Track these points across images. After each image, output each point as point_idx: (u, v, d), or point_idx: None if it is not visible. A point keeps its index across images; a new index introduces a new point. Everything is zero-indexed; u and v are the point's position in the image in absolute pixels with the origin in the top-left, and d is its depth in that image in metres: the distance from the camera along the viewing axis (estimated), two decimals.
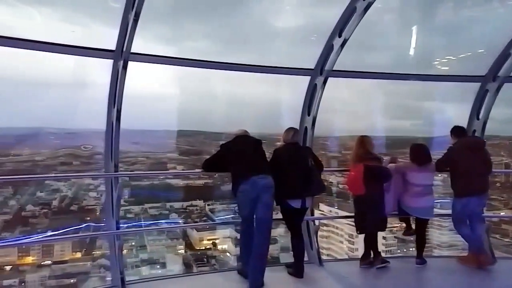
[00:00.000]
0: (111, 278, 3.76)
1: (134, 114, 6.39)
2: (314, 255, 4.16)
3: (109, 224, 3.77)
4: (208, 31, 6.45)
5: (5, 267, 7.61)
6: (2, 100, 7.36)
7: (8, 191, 8.00)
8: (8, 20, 5.91)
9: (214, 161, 3.80)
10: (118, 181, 3.78)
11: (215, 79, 7.25)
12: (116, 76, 3.71)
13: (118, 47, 3.66)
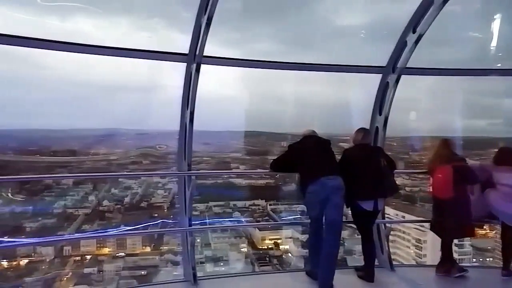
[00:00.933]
0: (183, 273, 3.89)
1: (199, 116, 6.61)
2: (385, 259, 4.01)
3: (181, 221, 3.92)
4: (272, 33, 6.50)
5: (85, 256, 8.25)
6: (84, 103, 8.01)
7: (88, 187, 8.68)
8: (88, 30, 6.40)
9: (283, 161, 3.81)
10: (191, 180, 3.92)
11: (280, 80, 7.29)
12: (189, 79, 3.86)
13: (191, 50, 3.80)
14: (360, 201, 3.63)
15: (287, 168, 3.85)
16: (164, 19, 5.48)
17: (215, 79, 6.71)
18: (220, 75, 6.25)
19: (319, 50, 5.72)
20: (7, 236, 7.21)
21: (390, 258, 4.03)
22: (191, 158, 3.95)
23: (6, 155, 7.70)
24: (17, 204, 7.75)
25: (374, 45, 5.36)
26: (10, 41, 3.63)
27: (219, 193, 9.28)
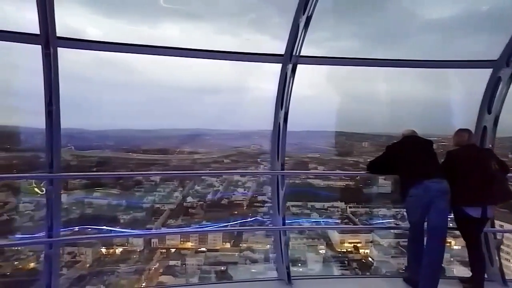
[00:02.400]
0: (277, 272, 3.94)
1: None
2: (495, 272, 3.70)
3: (275, 220, 3.97)
4: (355, 30, 6.32)
5: (170, 249, 8.72)
6: (170, 104, 8.49)
7: (174, 184, 9.18)
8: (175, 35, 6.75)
9: (380, 163, 3.68)
10: (285, 179, 3.95)
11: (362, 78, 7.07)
12: (285, 79, 3.89)
13: (287, 51, 3.83)
14: (466, 207, 3.39)
15: (386, 170, 3.72)
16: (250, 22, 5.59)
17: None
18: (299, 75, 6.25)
19: (408, 45, 5.45)
20: (105, 226, 7.94)
21: (502, 271, 3.70)
22: (284, 157, 3.97)
23: (104, 152, 8.46)
24: (113, 197, 8.42)
25: (470, 38, 4.99)
26: (109, 47, 3.97)
27: (296, 193, 9.26)
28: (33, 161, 6.23)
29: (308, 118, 8.45)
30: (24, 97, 5.75)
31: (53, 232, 3.47)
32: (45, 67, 3.43)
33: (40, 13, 3.26)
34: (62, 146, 3.68)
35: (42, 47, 3.40)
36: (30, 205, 7.64)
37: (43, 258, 7.58)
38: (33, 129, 5.77)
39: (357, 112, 8.49)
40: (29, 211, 7.61)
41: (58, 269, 3.69)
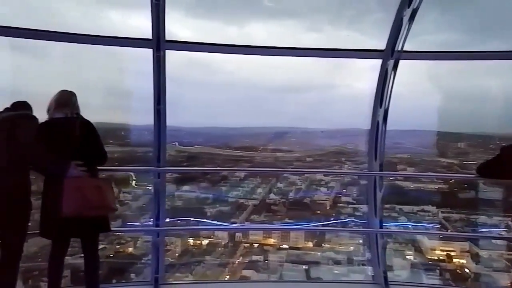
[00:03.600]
0: (373, 275, 3.83)
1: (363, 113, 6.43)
2: None
3: (371, 222, 3.86)
4: (449, 22, 5.87)
5: (253, 244, 8.93)
6: (257, 103, 8.68)
7: (257, 181, 9.39)
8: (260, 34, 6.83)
9: (495, 165, 3.38)
10: (383, 181, 3.82)
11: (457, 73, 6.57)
12: (385, 76, 3.75)
13: (388, 46, 3.69)
14: None
15: (502, 174, 3.40)
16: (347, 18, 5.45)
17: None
18: None
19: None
20: (193, 218, 8.38)
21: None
22: (384, 158, 3.84)
23: (193, 148, 8.94)
24: (201, 191, 8.85)
25: None
26: (207, 48, 4.15)
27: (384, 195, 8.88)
28: (142, 156, 6.84)
29: (398, 116, 8.08)
30: (132, 98, 6.32)
31: (159, 222, 3.76)
32: (155, 69, 3.71)
33: (153, 19, 3.54)
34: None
35: (154, 51, 3.69)
36: (128, 196, 8.34)
37: (139, 244, 8.22)
38: (140, 127, 6.35)
39: (457, 110, 7.90)
40: (128, 200, 8.31)
41: (163, 256, 3.98)
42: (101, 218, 3.36)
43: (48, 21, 4.52)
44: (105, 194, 3.27)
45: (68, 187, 3.10)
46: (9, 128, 3.13)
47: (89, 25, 4.99)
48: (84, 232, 3.34)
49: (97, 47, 4.55)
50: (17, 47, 5.06)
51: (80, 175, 3.17)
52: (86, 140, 3.28)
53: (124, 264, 7.60)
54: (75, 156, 3.21)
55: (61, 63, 5.60)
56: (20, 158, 3.15)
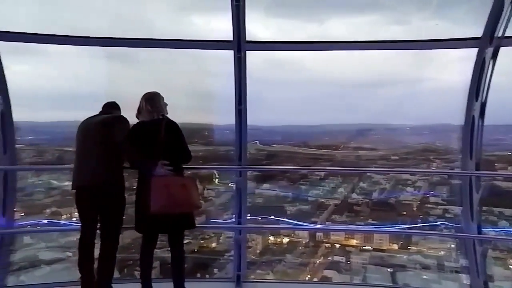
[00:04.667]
0: (469, 284, 3.49)
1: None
2: None
3: (467, 226, 3.52)
4: None
5: (335, 244, 8.73)
6: (336, 100, 8.46)
7: (338, 180, 9.16)
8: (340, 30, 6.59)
9: None
10: (480, 182, 3.46)
11: None
12: (481, 65, 3.39)
13: (486, 33, 3.32)
14: None
15: None
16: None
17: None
18: None
19: None
20: (273, 216, 8.44)
21: None
22: (480, 156, 3.47)
23: (271, 146, 9.01)
24: (281, 189, 8.88)
25: None
26: (287, 47, 4.10)
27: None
28: (224, 154, 7.10)
29: (498, 110, 7.28)
30: (214, 98, 6.57)
31: (241, 219, 3.83)
32: (236, 70, 3.79)
33: (234, 21, 3.61)
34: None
35: (235, 52, 3.76)
36: (212, 192, 8.68)
37: (222, 240, 8.51)
38: (222, 126, 6.57)
39: None
40: (211, 197, 8.65)
41: (245, 254, 4.05)
42: (187, 215, 3.52)
43: (138, 30, 4.87)
44: (190, 192, 3.41)
45: (155, 185, 3.29)
46: (105, 129, 3.44)
47: (175, 30, 5.28)
48: (171, 228, 3.52)
49: (181, 51, 4.79)
50: (111, 55, 5.53)
51: (166, 174, 3.35)
52: (171, 141, 3.45)
53: (208, 259, 7.92)
54: (161, 156, 3.39)
55: (149, 67, 6.01)
56: (116, 157, 3.43)
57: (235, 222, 3.88)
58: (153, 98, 3.58)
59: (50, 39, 4.30)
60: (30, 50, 5.20)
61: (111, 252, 3.50)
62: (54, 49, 5.12)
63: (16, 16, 4.72)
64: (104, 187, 3.38)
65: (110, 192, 3.41)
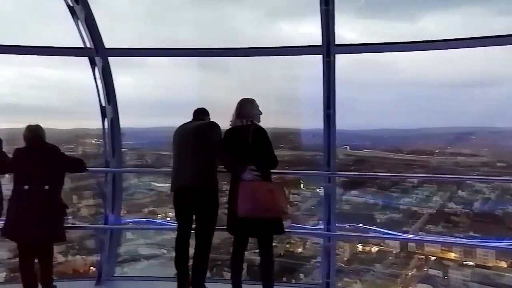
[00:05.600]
0: None
1: None
2: None
3: None
4: None
5: (429, 257, 8.11)
6: (433, 102, 7.89)
7: (433, 187, 8.50)
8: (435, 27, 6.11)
9: None
10: None
11: None
12: None
13: None
14: None
15: None
16: None
17: None
18: None
19: None
20: (361, 224, 8.13)
21: None
22: None
23: (361, 151, 8.69)
24: (370, 196, 8.53)
25: None
26: (370, 49, 3.90)
27: None
28: (309, 159, 7.08)
29: None
30: (300, 103, 6.58)
31: (330, 226, 3.75)
32: (324, 74, 3.73)
33: (323, 26, 3.56)
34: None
35: (323, 56, 3.71)
36: (297, 197, 8.65)
37: (308, 245, 8.42)
38: (308, 131, 6.56)
39: None
40: (296, 202, 8.62)
41: (335, 261, 3.95)
42: (275, 220, 3.54)
43: (229, 39, 5.08)
44: (277, 197, 3.43)
45: (242, 190, 3.38)
46: (200, 135, 3.63)
47: (263, 37, 5.41)
48: (260, 232, 3.57)
49: (269, 57, 4.87)
50: (202, 65, 5.85)
51: (253, 179, 3.41)
52: (258, 146, 3.51)
53: (293, 264, 7.90)
54: (248, 161, 3.46)
55: (239, 75, 6.22)
56: (210, 161, 3.60)
57: (324, 228, 3.81)
58: (243, 104, 3.68)
59: (150, 52, 4.68)
60: (132, 62, 5.71)
61: (204, 252, 3.67)
62: (152, 61, 5.57)
63: (120, 33, 5.24)
64: (199, 190, 3.56)
65: (204, 194, 3.58)
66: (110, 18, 5.05)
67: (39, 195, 3.50)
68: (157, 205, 8.21)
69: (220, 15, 5.55)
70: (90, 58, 4.31)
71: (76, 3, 3.90)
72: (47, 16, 5.39)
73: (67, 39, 4.67)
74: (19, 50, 4.63)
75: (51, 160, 3.61)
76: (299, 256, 8.22)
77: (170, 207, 6.28)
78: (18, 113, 7.11)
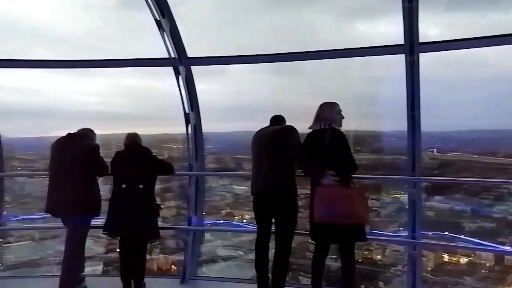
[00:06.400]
0: None
1: None
2: None
3: None
4: None
5: None
6: None
7: None
8: None
9: None
10: None
11: None
12: None
13: None
14: None
15: None
16: None
17: None
18: None
19: None
20: (447, 232, 7.55)
21: None
22: None
23: (446, 155, 8.10)
24: (456, 202, 7.92)
25: None
26: (458, 45, 3.60)
27: None
28: (389, 163, 6.79)
29: None
30: (378, 104, 6.33)
31: (416, 234, 3.54)
32: (408, 74, 3.55)
33: (405, 23, 3.40)
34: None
35: (406, 55, 3.54)
36: (376, 202, 8.31)
37: (388, 253, 8.04)
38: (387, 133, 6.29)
39: None
40: (375, 207, 8.29)
41: (420, 271, 3.74)
42: (356, 226, 3.44)
43: (304, 42, 5.06)
44: (355, 203, 3.32)
45: (319, 194, 3.33)
46: (278, 138, 3.67)
47: (338, 38, 5.31)
48: (339, 239, 3.49)
49: (347, 58, 4.77)
50: (278, 70, 5.90)
51: (331, 184, 3.34)
52: (335, 150, 3.43)
53: (372, 271, 7.60)
54: (326, 165, 3.41)
55: (315, 78, 6.16)
56: (288, 164, 3.62)
57: (408, 236, 3.60)
58: (321, 108, 3.65)
59: (229, 60, 4.85)
60: (210, 70, 5.93)
61: (284, 255, 3.69)
62: (229, 68, 5.75)
63: (200, 42, 5.49)
64: (279, 193, 3.59)
65: (284, 198, 3.60)
66: (190, 29, 5.32)
67: (135, 194, 3.82)
68: (234, 207, 8.43)
69: (295, 19, 5.56)
70: (175, 67, 4.59)
71: (162, 17, 4.18)
72: (131, 30, 5.82)
73: (147, 50, 5.03)
74: (111, 63, 5.10)
75: (144, 162, 3.93)
76: (379, 263, 7.89)
77: (246, 210, 6.43)
78: (108, 120, 7.77)
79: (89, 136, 4.32)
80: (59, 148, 4.13)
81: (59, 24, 5.95)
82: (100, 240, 6.92)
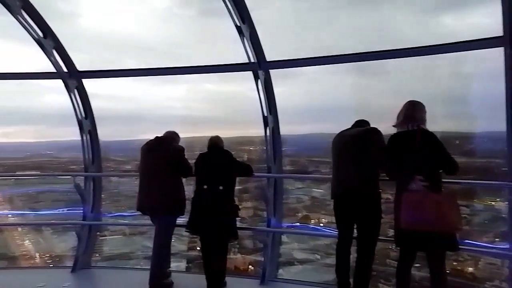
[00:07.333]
0: None
1: None
2: None
3: None
4: None
5: None
6: None
7: None
8: None
9: None
10: None
11: None
12: None
13: None
14: None
15: None
16: None
17: None
18: None
19: None
20: None
21: None
22: None
23: None
24: None
25: None
26: None
27: None
28: (479, 167, 6.22)
29: None
30: (469, 103, 5.82)
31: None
32: (507, 69, 3.21)
33: (504, 12, 3.08)
34: None
35: (506, 49, 3.21)
36: (466, 209, 7.63)
37: (481, 265, 7.32)
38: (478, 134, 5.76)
39: None
40: (465, 215, 7.61)
41: None
42: (447, 234, 3.20)
43: (385, 40, 4.83)
44: (445, 210, 3.08)
45: (407, 201, 3.14)
46: (360, 141, 3.54)
47: (422, 34, 4.98)
48: (427, 247, 3.27)
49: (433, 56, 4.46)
50: (357, 69, 5.69)
51: (420, 190, 3.14)
52: (427, 153, 3.20)
53: (463, 284, 7.01)
54: (416, 169, 3.19)
55: (398, 77, 5.85)
56: (371, 168, 3.47)
57: (510, 249, 3.24)
58: (409, 107, 3.44)
59: (308, 62, 4.80)
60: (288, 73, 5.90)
61: (367, 261, 3.56)
62: (307, 70, 5.68)
63: (277, 45, 5.50)
64: (361, 197, 3.47)
65: (366, 202, 3.48)
66: (268, 32, 5.36)
67: (215, 195, 3.97)
68: (311, 210, 8.31)
69: (375, 16, 5.34)
70: (254, 72, 4.67)
71: (243, 23, 4.28)
72: (208, 37, 6.02)
73: (225, 56, 5.16)
74: (194, 70, 5.33)
75: (225, 164, 4.07)
76: (469, 276, 7.23)
77: (322, 213, 6.29)
78: (190, 124, 8.14)
79: (175, 139, 4.58)
80: (148, 151, 4.43)
81: (146, 35, 6.39)
82: (183, 238, 7.27)
